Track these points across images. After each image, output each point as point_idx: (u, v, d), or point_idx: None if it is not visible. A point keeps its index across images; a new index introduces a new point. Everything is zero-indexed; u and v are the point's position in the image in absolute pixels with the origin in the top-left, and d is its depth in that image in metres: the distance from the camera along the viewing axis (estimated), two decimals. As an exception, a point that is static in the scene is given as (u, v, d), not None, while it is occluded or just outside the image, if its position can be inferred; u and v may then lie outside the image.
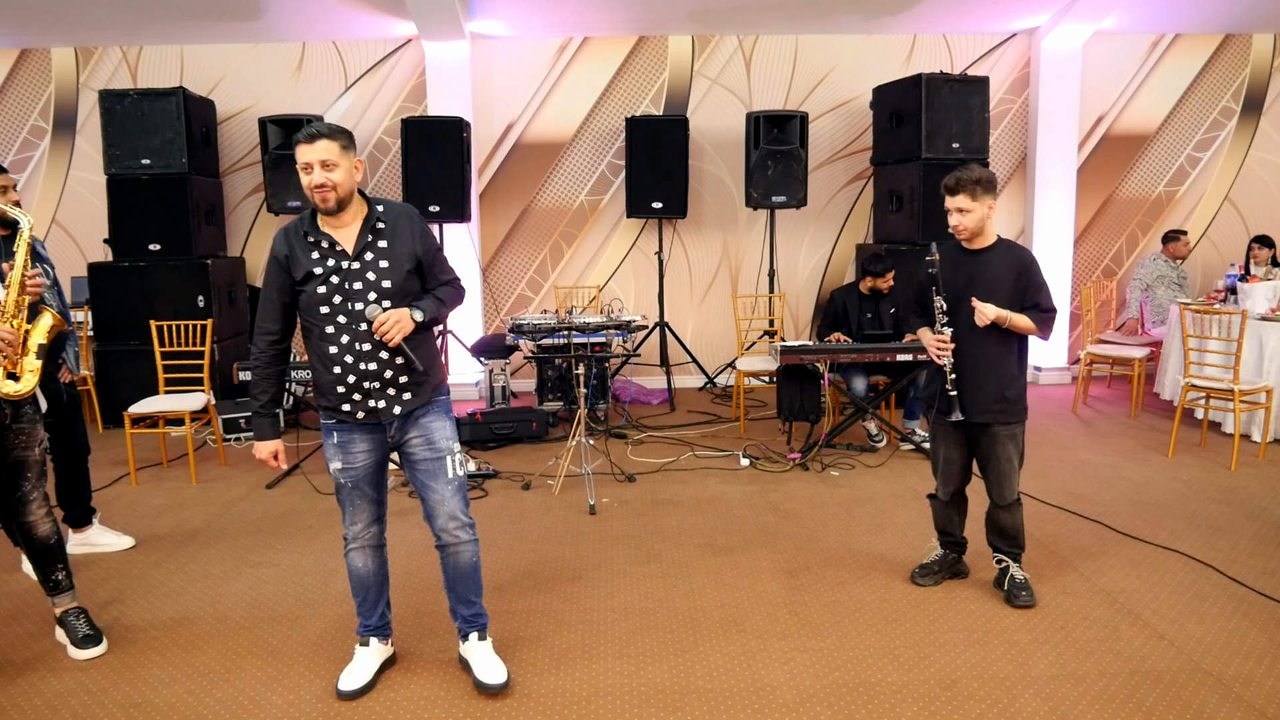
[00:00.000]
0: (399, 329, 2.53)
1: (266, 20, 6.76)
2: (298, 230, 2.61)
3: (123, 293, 6.32)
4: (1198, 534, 3.96)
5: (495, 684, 2.73)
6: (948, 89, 6.41)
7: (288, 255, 2.60)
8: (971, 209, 3.13)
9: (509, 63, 7.29)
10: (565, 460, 4.91)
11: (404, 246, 2.61)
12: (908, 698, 2.69)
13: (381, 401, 2.63)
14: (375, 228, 2.59)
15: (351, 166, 2.54)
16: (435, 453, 2.69)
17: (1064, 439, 5.68)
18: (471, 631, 2.83)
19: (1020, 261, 3.19)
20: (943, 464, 3.37)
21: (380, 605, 2.87)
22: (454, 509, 2.70)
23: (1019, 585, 3.29)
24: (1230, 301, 6.12)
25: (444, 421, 2.72)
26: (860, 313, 5.58)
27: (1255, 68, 7.56)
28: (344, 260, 2.56)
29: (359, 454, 2.68)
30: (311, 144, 2.48)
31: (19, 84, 7.23)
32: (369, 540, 2.78)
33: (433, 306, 2.65)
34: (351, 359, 2.58)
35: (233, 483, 5.03)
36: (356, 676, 2.78)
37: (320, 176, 2.48)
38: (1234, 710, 2.59)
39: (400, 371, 2.62)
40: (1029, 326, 3.15)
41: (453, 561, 2.76)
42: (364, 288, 2.56)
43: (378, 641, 2.87)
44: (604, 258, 7.54)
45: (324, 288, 2.56)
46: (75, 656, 3.03)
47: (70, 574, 3.13)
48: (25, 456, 2.96)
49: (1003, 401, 3.19)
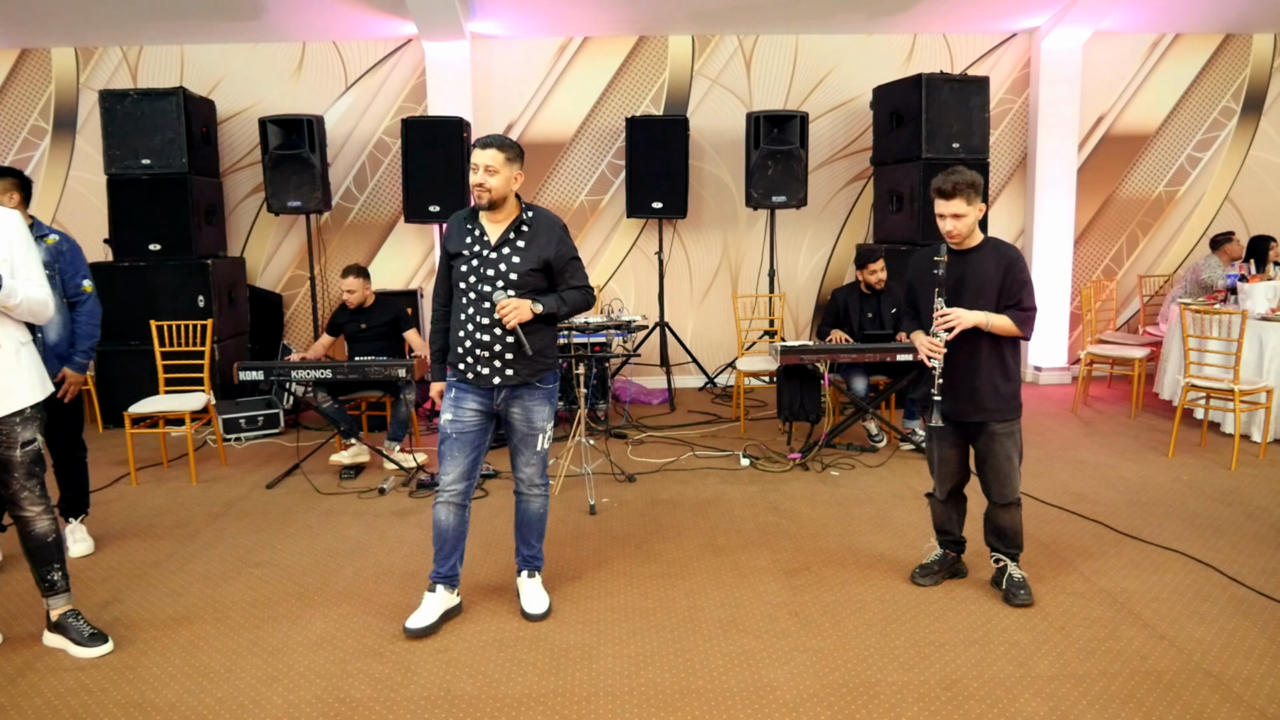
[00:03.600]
0: (516, 315, 3.00)
1: (266, 20, 6.76)
2: (463, 216, 3.17)
3: (123, 293, 6.31)
4: (1198, 534, 3.96)
5: (537, 613, 3.25)
6: (948, 89, 6.41)
7: (449, 234, 3.18)
8: (966, 213, 3.12)
9: (509, 63, 7.29)
10: (565, 460, 4.91)
11: (538, 250, 3.09)
12: (908, 698, 2.69)
13: (486, 369, 3.10)
14: (519, 228, 3.09)
15: (511, 176, 3.04)
16: (531, 429, 3.19)
17: (1064, 439, 5.67)
18: (525, 569, 3.35)
19: (1006, 259, 3.19)
20: (939, 463, 3.37)
21: (453, 558, 3.24)
22: (532, 473, 3.27)
23: (1017, 584, 3.29)
24: (1230, 301, 6.12)
25: (546, 405, 3.21)
26: (861, 312, 5.58)
27: (1255, 68, 7.56)
28: (486, 249, 3.07)
29: (467, 410, 3.15)
30: (483, 150, 3.00)
31: (19, 84, 7.23)
32: (454, 496, 3.17)
33: (553, 303, 3.11)
34: (471, 327, 3.09)
35: (233, 483, 5.03)
36: (422, 617, 3.16)
37: (481, 177, 3.00)
38: (1234, 710, 2.59)
39: (507, 349, 3.08)
40: (1009, 327, 3.14)
41: (524, 507, 3.32)
42: (495, 274, 3.06)
43: (444, 589, 3.23)
44: (604, 258, 7.54)
45: (465, 267, 3.10)
46: (83, 656, 3.01)
47: (67, 575, 3.11)
48: (7, 457, 2.93)
49: (998, 398, 3.19)
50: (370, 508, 4.56)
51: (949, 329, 3.12)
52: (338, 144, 7.30)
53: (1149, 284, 7.64)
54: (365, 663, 2.95)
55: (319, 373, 4.86)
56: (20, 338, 2.96)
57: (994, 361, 3.19)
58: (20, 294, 2.86)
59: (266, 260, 7.45)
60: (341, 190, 7.37)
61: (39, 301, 2.93)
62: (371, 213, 7.43)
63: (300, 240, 7.35)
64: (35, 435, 2.98)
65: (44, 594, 3.10)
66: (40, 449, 3.01)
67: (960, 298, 3.17)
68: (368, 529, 4.24)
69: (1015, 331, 3.15)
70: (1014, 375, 3.24)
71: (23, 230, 2.96)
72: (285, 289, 7.49)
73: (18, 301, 2.85)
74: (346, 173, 7.36)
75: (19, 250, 2.91)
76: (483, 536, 4.03)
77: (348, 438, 5.17)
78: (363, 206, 7.43)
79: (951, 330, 3.12)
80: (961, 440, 3.32)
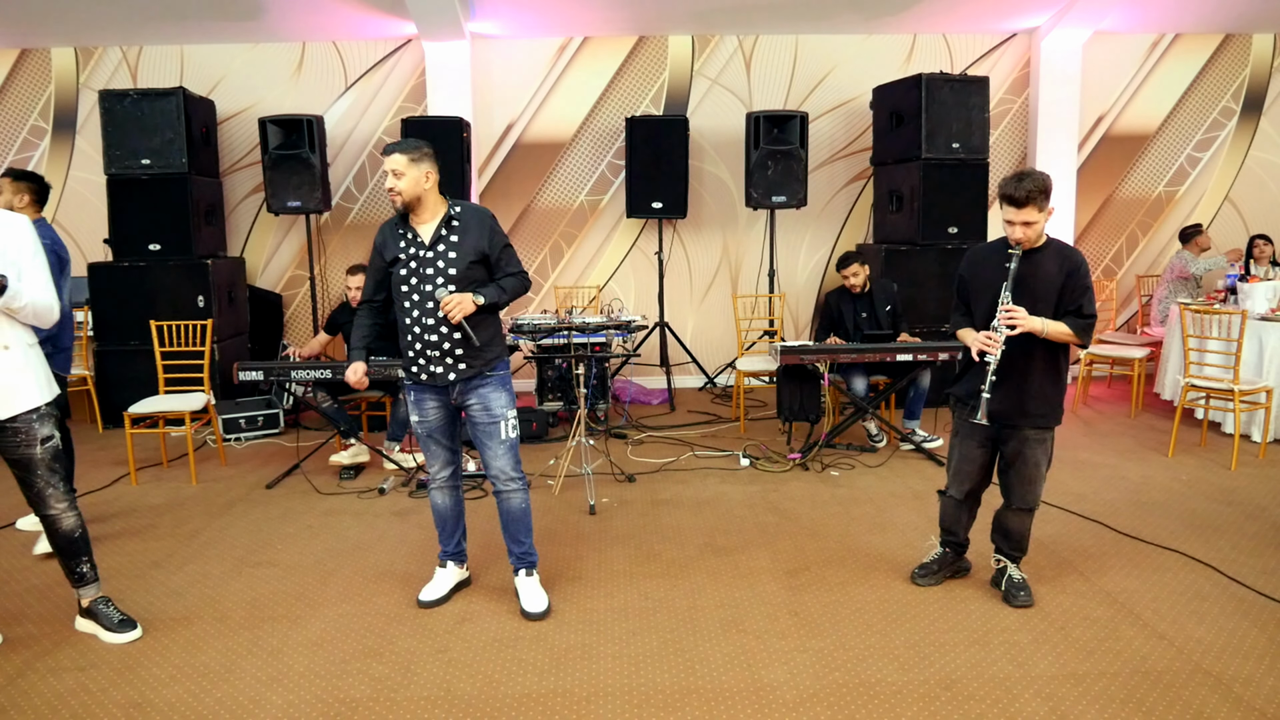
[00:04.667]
0: (460, 309, 3.05)
1: (266, 20, 6.76)
2: (393, 223, 3.22)
3: (123, 293, 6.32)
4: (1198, 534, 3.96)
5: (536, 612, 3.27)
6: (948, 89, 6.41)
7: (383, 242, 3.22)
8: (1037, 220, 3.01)
9: (509, 63, 7.29)
10: (565, 460, 4.91)
11: (472, 242, 3.14)
12: (908, 698, 2.69)
13: (439, 367, 3.17)
14: (450, 224, 3.14)
15: (420, 175, 3.09)
16: (491, 418, 3.21)
17: (1064, 439, 5.67)
18: (521, 567, 3.38)
19: (1070, 263, 3.06)
20: (961, 461, 3.30)
21: (456, 535, 3.43)
22: (504, 465, 3.25)
23: (1017, 585, 3.29)
24: (1230, 301, 6.12)
25: (500, 392, 3.23)
26: (855, 313, 5.58)
27: (1255, 68, 7.56)
28: (422, 249, 3.11)
29: (429, 409, 3.26)
30: (387, 156, 3.08)
31: (19, 84, 7.23)
32: (444, 482, 3.36)
33: (494, 293, 3.16)
34: (419, 330, 3.15)
35: (233, 483, 5.03)
36: (434, 590, 3.38)
37: (390, 182, 3.08)
38: (1234, 710, 2.59)
39: (456, 344, 3.13)
40: (1067, 335, 3.02)
41: (504, 505, 3.32)
42: (434, 273, 3.10)
43: (454, 565, 3.45)
44: (604, 258, 7.54)
45: (405, 270, 3.15)
46: (113, 641, 3.11)
47: (95, 566, 3.20)
48: (28, 455, 2.97)
49: (1044, 404, 3.11)
50: (370, 508, 4.56)
51: (1011, 326, 3.01)
52: (337, 144, 7.30)
53: (1148, 284, 7.64)
54: (365, 663, 2.95)
55: (319, 373, 4.86)
56: (28, 339, 3.01)
57: (1046, 367, 3.11)
58: (25, 297, 2.89)
59: (266, 260, 7.45)
60: (341, 190, 7.37)
61: (44, 306, 2.96)
62: (371, 213, 7.43)
63: (300, 240, 7.35)
64: (53, 431, 3.02)
65: (74, 585, 3.17)
66: (59, 445, 3.04)
67: (1019, 297, 3.05)
68: (368, 529, 4.24)
69: (1073, 339, 3.05)
70: (1063, 382, 3.16)
71: (31, 234, 2.99)
72: (285, 289, 7.49)
73: (22, 304, 2.88)
74: (346, 173, 7.36)
75: (26, 254, 2.94)
76: (482, 537, 4.02)
77: (347, 438, 5.17)
78: (362, 206, 7.43)
79: (1014, 329, 3.01)
80: (989, 439, 3.24)
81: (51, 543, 3.12)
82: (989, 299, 3.11)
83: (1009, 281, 3.04)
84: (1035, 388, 3.11)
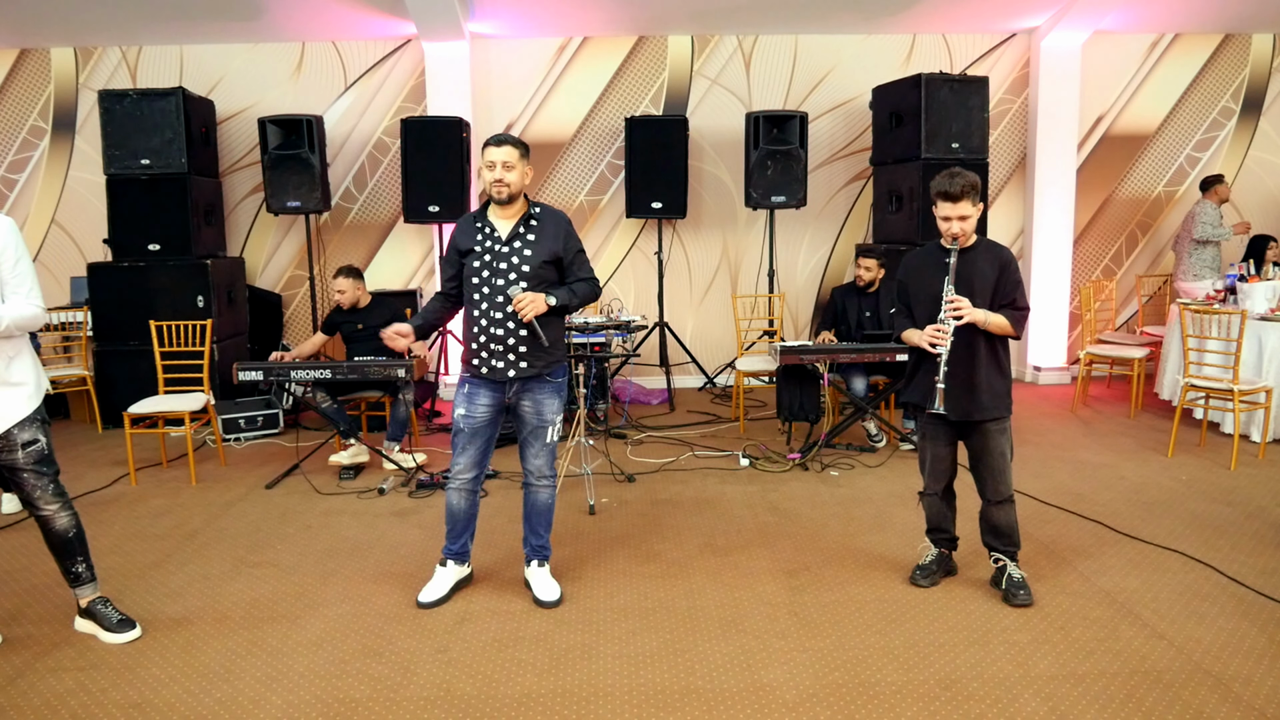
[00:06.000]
0: (533, 308, 3.09)
1: (266, 20, 6.76)
2: (471, 215, 3.27)
3: (122, 293, 6.31)
4: (1198, 534, 3.96)
5: (550, 599, 3.34)
6: (947, 89, 6.41)
7: (460, 233, 3.26)
8: (970, 214, 3.17)
9: (509, 63, 7.29)
10: (565, 460, 4.90)
11: (548, 243, 3.19)
12: (908, 698, 2.69)
13: (501, 363, 3.20)
14: (529, 223, 3.19)
15: (524, 172, 3.16)
16: (541, 421, 3.30)
17: (1064, 439, 5.67)
18: (535, 559, 3.45)
19: (1002, 259, 3.25)
20: (932, 460, 3.40)
21: (464, 536, 3.44)
22: (541, 464, 3.37)
23: (1016, 584, 3.29)
24: (1230, 301, 6.12)
25: (555, 399, 3.31)
26: (859, 311, 5.59)
27: (1255, 68, 7.56)
28: (498, 244, 3.17)
29: (480, 405, 3.27)
30: (499, 147, 3.12)
31: (19, 84, 7.23)
32: (465, 483, 3.35)
33: (565, 296, 3.21)
34: (485, 322, 3.17)
35: (232, 483, 5.03)
36: (434, 591, 3.37)
37: (499, 173, 3.11)
38: (1234, 710, 2.59)
39: (521, 342, 3.17)
40: (1004, 326, 3.19)
41: (533, 498, 3.41)
42: (508, 268, 3.15)
43: (455, 564, 3.45)
44: (604, 258, 7.54)
45: (478, 262, 3.19)
46: (112, 641, 3.10)
47: (91, 566, 3.18)
48: (11, 460, 2.94)
49: (994, 396, 3.24)
50: (370, 508, 4.56)
51: (957, 316, 3.14)
52: (337, 144, 7.30)
53: (1148, 284, 7.64)
54: (365, 663, 2.95)
55: (318, 373, 4.86)
56: (9, 352, 2.93)
57: (990, 360, 3.25)
58: (7, 319, 2.83)
59: (266, 260, 7.45)
60: (341, 190, 7.36)
61: (29, 318, 2.91)
62: (371, 213, 7.43)
63: (300, 240, 7.35)
64: (37, 436, 2.98)
65: (70, 585, 3.16)
66: (45, 448, 3.01)
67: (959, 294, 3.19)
68: (367, 529, 4.24)
69: (1009, 330, 3.20)
70: (1008, 373, 3.31)
71: (14, 238, 2.90)
72: (284, 289, 7.48)
73: (3, 327, 2.83)
74: (346, 173, 7.36)
75: (7, 261, 2.87)
76: (483, 536, 4.02)
77: (347, 438, 5.17)
78: (362, 207, 7.42)
79: (960, 318, 3.14)
80: (954, 438, 3.36)
81: (46, 542, 3.10)
82: (931, 299, 3.25)
83: (950, 276, 3.18)
84: (984, 381, 3.23)
